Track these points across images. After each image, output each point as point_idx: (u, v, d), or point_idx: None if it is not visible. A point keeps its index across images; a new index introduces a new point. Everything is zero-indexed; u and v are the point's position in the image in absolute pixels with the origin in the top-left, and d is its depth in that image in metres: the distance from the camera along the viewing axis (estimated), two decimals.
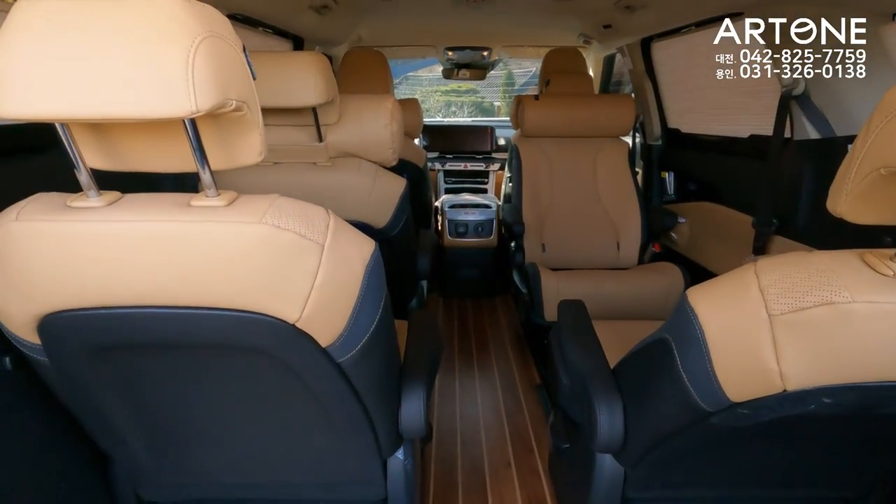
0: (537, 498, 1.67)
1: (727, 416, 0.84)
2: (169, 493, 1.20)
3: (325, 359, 0.86)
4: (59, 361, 0.86)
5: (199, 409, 1.00)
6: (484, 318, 3.09)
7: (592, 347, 1.24)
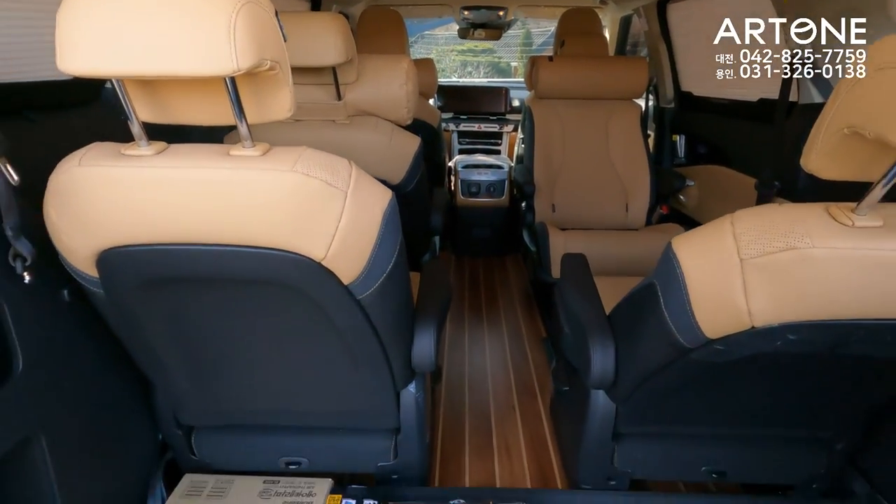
0: (539, 437, 1.80)
1: (705, 353, 0.94)
2: (204, 419, 1.34)
3: (346, 295, 0.96)
4: (113, 293, 0.97)
5: (234, 341, 1.12)
6: (494, 275, 3.19)
7: (590, 295, 1.34)
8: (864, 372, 1.07)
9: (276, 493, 1.31)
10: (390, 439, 1.36)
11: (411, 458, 1.37)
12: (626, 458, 1.35)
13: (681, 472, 1.43)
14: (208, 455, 1.38)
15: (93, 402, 1.17)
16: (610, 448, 1.34)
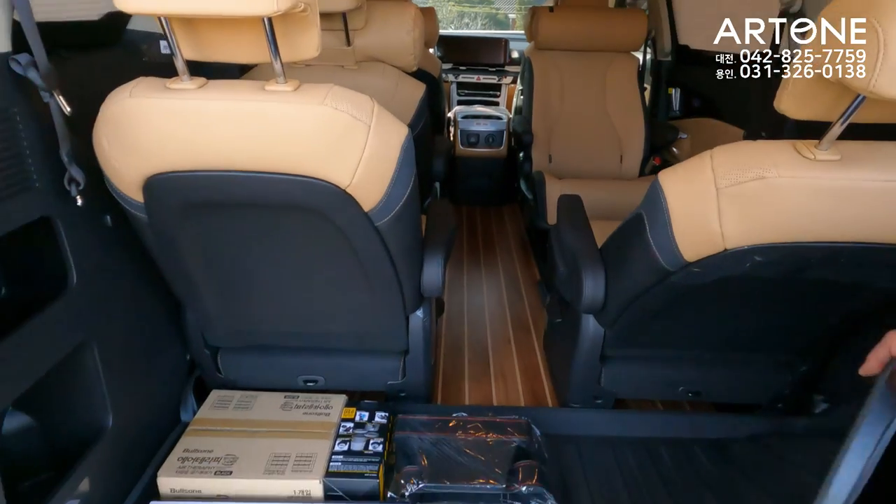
0: (532, 367, 1.95)
1: (683, 275, 1.07)
2: (230, 340, 1.47)
3: (366, 221, 1.08)
4: (155, 217, 1.08)
5: (261, 265, 1.23)
6: (491, 224, 3.31)
7: (584, 230, 1.46)
8: (823, 299, 1.20)
9: (297, 406, 1.45)
10: (399, 360, 1.50)
11: (418, 377, 1.51)
12: (612, 379, 1.50)
13: (660, 391, 1.59)
14: (233, 373, 1.52)
15: (132, 320, 1.29)
16: (597, 370, 1.49)
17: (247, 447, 1.31)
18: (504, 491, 1.23)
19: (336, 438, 1.35)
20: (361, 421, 1.41)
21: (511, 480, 1.25)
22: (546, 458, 1.35)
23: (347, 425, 1.39)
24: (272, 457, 1.28)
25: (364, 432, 1.37)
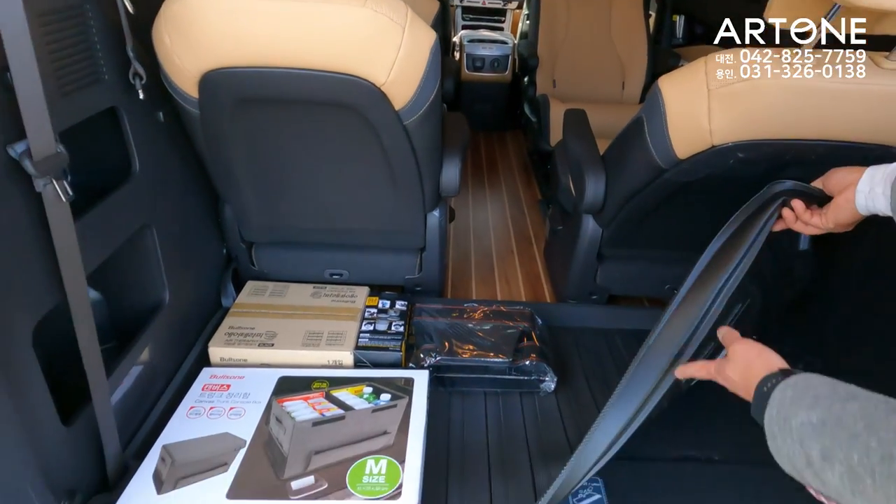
0: (533, 273, 2.13)
1: (675, 172, 1.21)
2: (263, 234, 1.63)
3: (396, 120, 1.21)
4: (207, 111, 1.21)
5: (297, 161, 1.37)
6: (495, 148, 3.42)
7: (587, 138, 1.60)
8: None
9: (325, 294, 1.63)
10: (416, 257, 1.67)
11: (433, 273, 1.68)
12: (607, 276, 1.68)
13: (649, 288, 1.77)
14: (266, 266, 1.68)
15: (180, 211, 1.43)
16: (594, 267, 1.66)
17: (284, 326, 1.49)
18: (510, 365, 1.42)
19: (362, 321, 1.53)
20: (384, 307, 1.59)
21: (516, 357, 1.43)
22: (547, 342, 1.54)
23: (372, 311, 1.57)
24: (307, 334, 1.46)
25: (387, 317, 1.55)
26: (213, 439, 1.18)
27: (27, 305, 0.89)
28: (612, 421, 1.02)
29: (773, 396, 0.67)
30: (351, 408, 1.26)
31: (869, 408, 0.57)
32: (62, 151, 0.87)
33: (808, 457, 0.60)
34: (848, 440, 0.56)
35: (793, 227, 1.01)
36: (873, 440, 0.54)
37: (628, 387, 1.03)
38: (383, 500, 1.04)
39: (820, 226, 0.96)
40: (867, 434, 0.55)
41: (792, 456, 0.62)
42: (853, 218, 0.91)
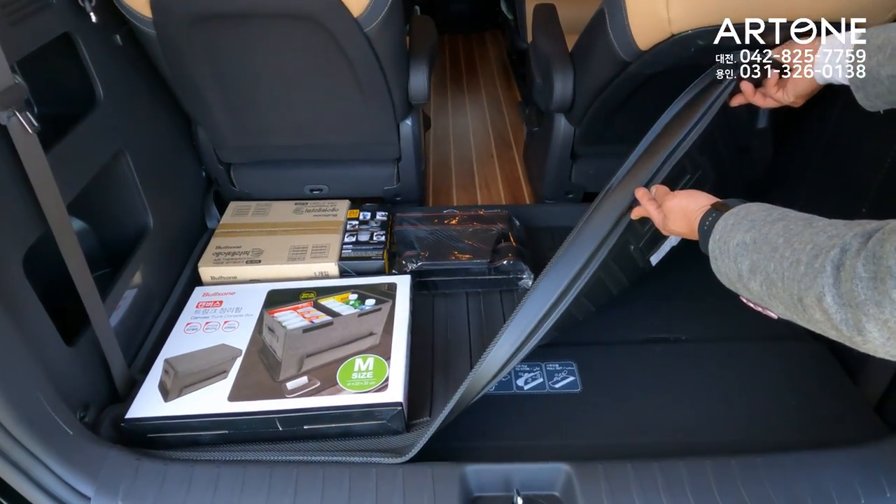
0: (513, 175, 2.16)
1: (639, 65, 1.22)
2: (240, 155, 1.64)
3: (356, 27, 1.19)
4: (163, 30, 1.19)
5: (264, 76, 1.36)
6: (474, 50, 3.33)
7: (556, 36, 1.57)
8: None
9: (307, 210, 1.66)
10: (393, 167, 1.69)
11: (410, 181, 1.71)
12: (582, 174, 1.71)
13: None
14: (246, 186, 1.71)
15: (154, 135, 1.44)
16: (568, 165, 1.69)
17: (269, 243, 1.54)
18: (489, 266, 1.48)
19: (345, 233, 1.58)
20: (365, 219, 1.63)
21: (494, 257, 1.50)
22: (524, 242, 1.60)
23: (353, 223, 1.62)
24: (292, 248, 1.52)
25: (368, 227, 1.60)
26: (211, 350, 1.26)
27: (12, 236, 0.93)
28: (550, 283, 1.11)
29: (716, 226, 0.77)
30: (338, 314, 1.33)
31: (790, 225, 0.66)
32: (20, 82, 0.88)
33: (739, 271, 0.70)
34: (769, 253, 0.66)
35: (751, 100, 1.04)
36: (788, 251, 0.63)
37: (569, 249, 1.12)
38: (372, 392, 1.13)
39: (780, 99, 0.99)
40: (784, 247, 0.64)
41: (728, 273, 0.73)
42: (811, 88, 0.96)
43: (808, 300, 0.60)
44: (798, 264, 0.61)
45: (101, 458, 0.96)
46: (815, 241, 0.61)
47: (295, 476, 0.97)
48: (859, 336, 0.57)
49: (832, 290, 0.57)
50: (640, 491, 0.94)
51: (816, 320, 0.61)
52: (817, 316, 0.60)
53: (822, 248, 0.60)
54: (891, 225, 0.55)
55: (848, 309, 0.56)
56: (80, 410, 1.04)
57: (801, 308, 0.62)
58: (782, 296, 0.64)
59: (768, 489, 0.93)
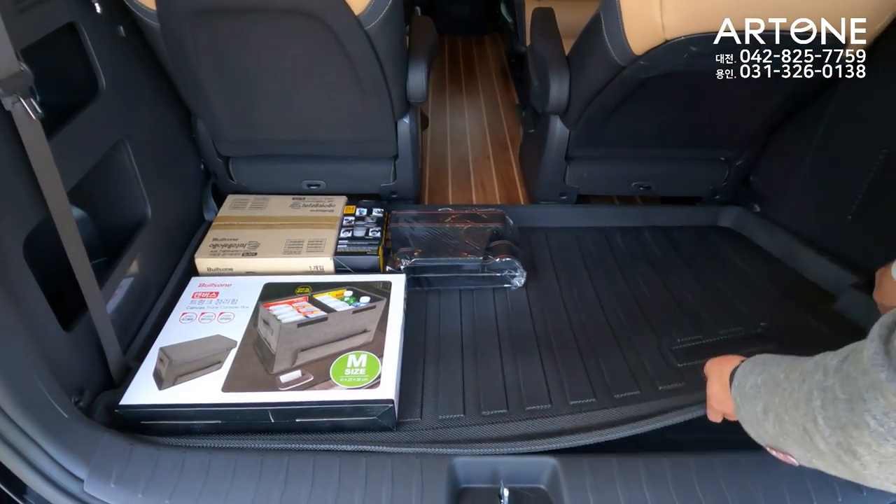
0: (508, 177, 2.19)
1: (633, 69, 1.24)
2: (238, 148, 1.66)
3: (357, 24, 1.21)
4: (166, 23, 1.21)
5: (265, 72, 1.38)
6: (473, 52, 3.36)
7: (553, 39, 1.60)
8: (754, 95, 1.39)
9: (304, 205, 1.68)
10: (390, 164, 1.71)
11: (407, 179, 1.73)
12: (575, 176, 1.74)
13: (616, 186, 1.84)
14: (244, 180, 1.72)
15: (154, 127, 1.46)
16: (563, 168, 1.72)
17: (266, 236, 1.56)
18: (482, 263, 1.50)
19: (340, 228, 1.60)
20: (361, 215, 1.65)
21: (488, 255, 1.52)
22: (518, 241, 1.62)
23: (349, 219, 1.63)
24: (288, 242, 1.53)
25: (364, 223, 1.62)
26: (206, 341, 1.27)
27: (13, 220, 0.94)
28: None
29: (736, 374, 0.79)
30: (333, 310, 1.35)
31: (793, 360, 0.67)
32: (25, 69, 0.89)
33: (755, 414, 0.71)
34: (773, 388, 0.67)
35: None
36: (787, 382, 0.65)
37: None
38: (364, 388, 1.15)
39: None
40: (785, 380, 0.66)
41: (749, 419, 0.74)
42: None
43: (809, 427, 0.60)
44: (793, 392, 0.62)
45: (94, 441, 0.98)
46: (803, 368, 0.62)
47: (286, 463, 0.99)
48: (857, 461, 0.56)
49: (822, 412, 0.58)
50: (624, 485, 0.96)
51: (822, 451, 0.60)
52: (821, 446, 0.59)
53: (807, 372, 0.61)
54: (854, 345, 0.56)
55: (839, 432, 0.56)
56: (75, 395, 1.05)
57: (809, 439, 0.61)
58: (792, 431, 0.64)
59: (749, 486, 0.96)
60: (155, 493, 0.95)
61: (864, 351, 0.54)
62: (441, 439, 1.08)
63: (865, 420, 0.53)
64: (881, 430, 0.53)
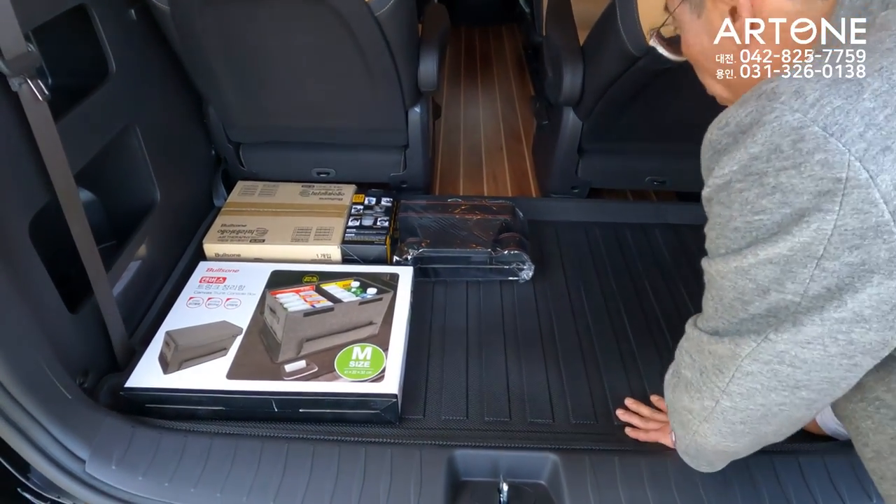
0: (521, 169, 2.17)
1: (649, 60, 1.21)
2: (249, 135, 1.66)
3: (367, 10, 1.20)
4: (177, 6, 1.20)
5: (275, 58, 1.37)
6: (490, 44, 3.32)
7: (568, 29, 1.57)
8: None
9: (313, 193, 1.68)
10: (400, 154, 1.70)
11: (417, 169, 1.72)
12: (588, 170, 1.71)
13: (630, 181, 1.81)
14: (255, 166, 1.72)
15: (165, 111, 1.46)
16: (575, 161, 1.69)
17: (274, 223, 1.55)
18: (490, 255, 1.49)
19: (349, 217, 1.59)
20: (370, 204, 1.64)
21: (496, 247, 1.50)
22: (527, 233, 1.60)
23: (358, 207, 1.63)
24: (296, 230, 1.53)
25: (372, 213, 1.61)
26: (213, 326, 1.28)
27: (19, 201, 0.95)
28: None
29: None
30: (339, 300, 1.34)
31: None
32: (33, 50, 0.89)
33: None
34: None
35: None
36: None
37: None
38: (368, 381, 1.14)
39: None
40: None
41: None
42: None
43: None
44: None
45: (97, 423, 0.98)
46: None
47: (286, 451, 0.99)
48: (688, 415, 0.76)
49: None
50: (625, 483, 0.95)
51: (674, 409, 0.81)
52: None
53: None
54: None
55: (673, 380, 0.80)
56: (79, 376, 1.06)
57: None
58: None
59: (753, 485, 0.94)
60: (155, 476, 0.95)
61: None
62: (443, 436, 1.07)
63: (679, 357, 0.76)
64: (680, 357, 0.76)
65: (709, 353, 0.65)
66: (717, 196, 0.57)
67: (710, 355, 0.65)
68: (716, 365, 0.64)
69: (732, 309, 0.60)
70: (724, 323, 0.62)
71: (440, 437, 1.06)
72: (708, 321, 0.66)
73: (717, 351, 0.63)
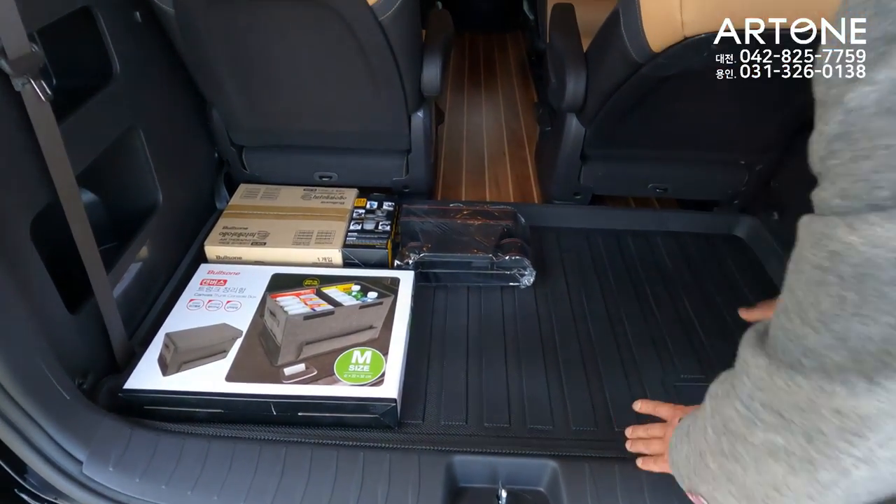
0: (523, 175, 2.16)
1: (651, 67, 1.21)
2: (252, 138, 1.66)
3: (370, 14, 1.20)
4: (181, 9, 1.20)
5: (279, 62, 1.38)
6: (494, 50, 3.33)
7: (571, 34, 1.57)
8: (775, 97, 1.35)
9: (315, 196, 1.68)
10: (403, 158, 1.70)
11: (419, 174, 1.72)
12: (590, 176, 1.71)
13: (632, 188, 1.80)
14: (257, 169, 1.73)
15: (168, 113, 1.46)
16: (578, 167, 1.69)
17: (276, 226, 1.55)
18: (491, 260, 1.49)
19: (350, 221, 1.59)
20: (372, 208, 1.64)
21: (497, 252, 1.50)
22: (529, 239, 1.60)
23: (360, 211, 1.63)
24: (298, 233, 1.53)
25: (374, 217, 1.61)
26: (212, 329, 1.27)
27: (21, 201, 0.95)
28: None
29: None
30: (340, 304, 1.34)
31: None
32: (37, 50, 0.89)
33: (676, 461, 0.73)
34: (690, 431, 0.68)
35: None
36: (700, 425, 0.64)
37: None
38: (367, 386, 1.14)
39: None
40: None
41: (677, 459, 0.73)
42: None
43: (702, 447, 0.63)
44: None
45: (95, 424, 0.98)
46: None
47: (283, 455, 0.99)
48: (737, 464, 0.54)
49: (710, 420, 0.60)
50: (625, 492, 0.94)
51: (713, 472, 0.60)
52: (711, 465, 0.60)
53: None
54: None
55: (722, 438, 0.57)
56: (78, 377, 1.06)
57: (702, 461, 0.63)
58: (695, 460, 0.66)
59: None
60: (152, 478, 0.95)
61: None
62: (442, 441, 1.06)
63: (731, 411, 0.51)
64: (748, 415, 0.49)
65: (834, 411, 0.40)
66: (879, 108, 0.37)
67: (838, 415, 0.40)
68: (847, 429, 0.40)
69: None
70: (858, 356, 0.38)
71: (439, 442, 1.06)
72: (815, 355, 0.41)
73: (854, 409, 0.39)
